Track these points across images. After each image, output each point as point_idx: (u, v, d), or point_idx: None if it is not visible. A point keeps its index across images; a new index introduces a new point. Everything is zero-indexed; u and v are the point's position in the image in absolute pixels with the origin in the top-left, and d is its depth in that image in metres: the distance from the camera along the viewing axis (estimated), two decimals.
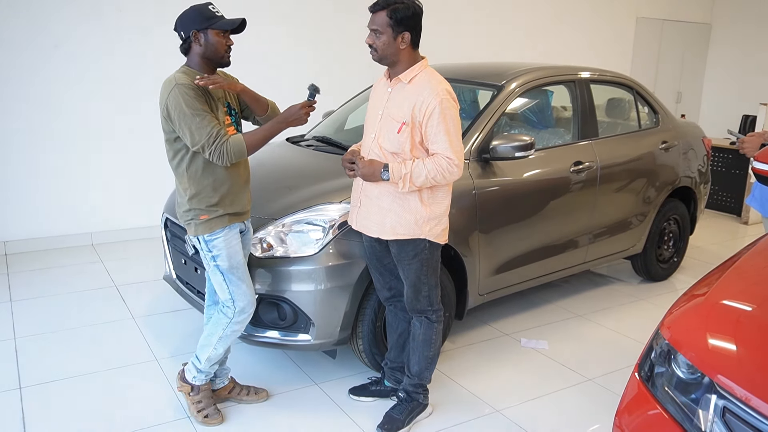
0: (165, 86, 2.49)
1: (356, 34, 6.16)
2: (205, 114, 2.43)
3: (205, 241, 2.61)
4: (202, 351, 2.75)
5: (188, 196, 2.57)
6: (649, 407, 1.81)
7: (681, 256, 4.85)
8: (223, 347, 2.74)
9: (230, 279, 2.64)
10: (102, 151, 5.17)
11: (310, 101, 2.58)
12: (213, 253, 2.62)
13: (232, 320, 2.68)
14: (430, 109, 2.45)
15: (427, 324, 2.75)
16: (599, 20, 8.27)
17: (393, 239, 2.61)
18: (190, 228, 2.63)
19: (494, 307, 4.09)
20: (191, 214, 2.60)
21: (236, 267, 2.65)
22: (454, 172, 2.49)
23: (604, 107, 4.55)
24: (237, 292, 2.66)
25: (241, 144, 2.49)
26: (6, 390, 3.02)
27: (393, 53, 2.51)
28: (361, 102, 4.18)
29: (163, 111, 2.48)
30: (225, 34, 2.52)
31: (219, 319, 2.70)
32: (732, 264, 2.15)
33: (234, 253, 2.64)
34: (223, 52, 2.52)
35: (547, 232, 3.69)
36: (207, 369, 2.78)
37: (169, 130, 2.51)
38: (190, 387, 2.80)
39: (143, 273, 4.56)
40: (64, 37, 4.86)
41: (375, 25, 2.47)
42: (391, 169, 2.49)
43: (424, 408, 2.88)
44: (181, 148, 2.53)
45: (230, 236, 2.63)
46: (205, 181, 2.56)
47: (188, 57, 2.56)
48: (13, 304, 4.00)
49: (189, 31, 2.49)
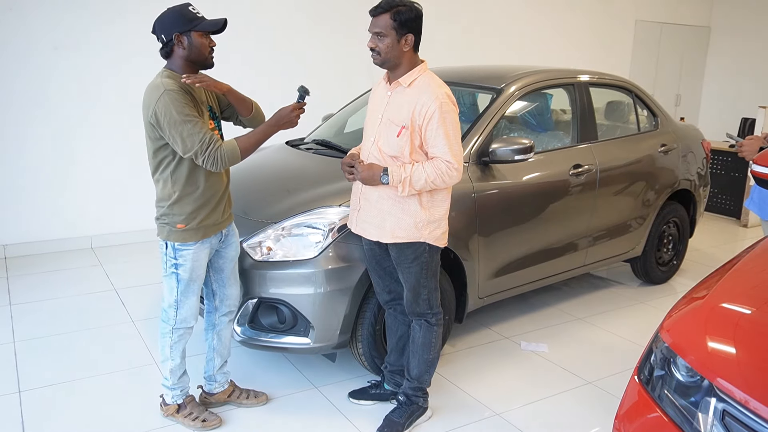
0: (151, 92, 2.44)
1: (357, 38, 6.18)
2: (196, 120, 2.40)
3: (173, 248, 2.57)
4: (163, 367, 2.75)
5: (170, 201, 2.53)
6: (649, 410, 1.81)
7: (680, 259, 4.85)
8: (179, 355, 2.72)
9: (182, 290, 2.61)
10: (101, 154, 5.17)
11: (300, 103, 2.56)
12: (177, 262, 2.57)
13: (174, 327, 2.66)
14: (429, 113, 2.45)
15: (427, 327, 2.75)
16: (598, 23, 8.28)
17: (392, 243, 2.61)
18: (163, 231, 2.58)
19: (494, 311, 4.08)
20: (167, 219, 2.55)
21: (194, 281, 2.62)
22: (453, 176, 2.49)
23: (603, 110, 4.56)
24: (184, 303, 2.63)
25: (235, 149, 2.47)
26: (5, 394, 3.02)
27: (396, 56, 2.50)
28: (360, 105, 4.19)
29: (150, 117, 2.43)
30: (208, 35, 2.48)
31: (162, 328, 2.69)
32: (731, 267, 2.15)
33: (198, 267, 2.61)
34: (207, 53, 2.49)
35: (546, 235, 3.70)
36: (176, 382, 2.76)
37: (155, 136, 2.47)
38: (176, 407, 2.79)
39: (143, 276, 4.56)
40: (64, 39, 4.87)
41: (378, 28, 2.47)
42: (390, 173, 2.49)
43: (423, 411, 2.87)
44: (168, 154, 2.49)
45: (200, 251, 2.60)
46: (189, 187, 2.52)
47: (170, 60, 2.51)
48: (13, 308, 4.00)
49: (171, 34, 2.43)
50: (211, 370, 2.91)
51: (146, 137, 2.52)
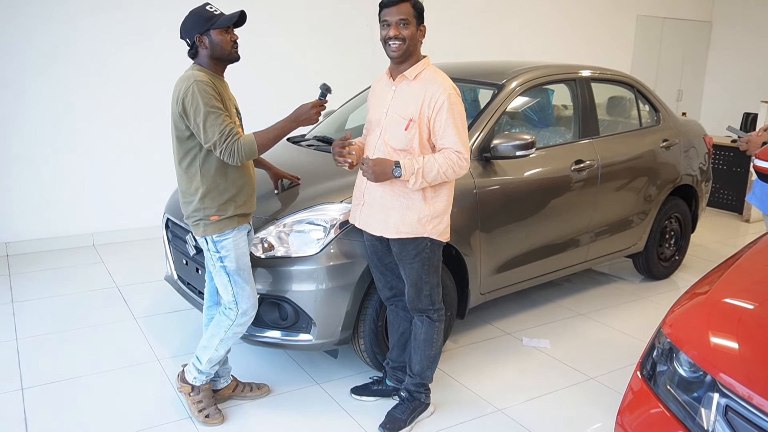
0: (181, 83, 2.50)
1: (356, 34, 6.17)
2: (220, 112, 2.44)
3: (213, 242, 2.60)
4: (203, 352, 2.75)
5: (200, 195, 2.56)
6: (652, 406, 1.81)
7: (682, 255, 4.84)
8: (224, 349, 2.74)
9: (236, 281, 2.64)
10: (103, 151, 5.17)
11: (321, 100, 2.59)
12: (221, 254, 2.61)
13: (235, 322, 2.68)
14: (438, 104, 2.46)
15: (429, 323, 2.75)
16: (599, 18, 8.26)
17: (395, 238, 2.61)
18: (198, 229, 2.61)
19: (496, 306, 4.08)
20: (201, 214, 2.58)
21: (243, 269, 2.65)
22: (463, 166, 2.49)
23: (604, 106, 4.55)
24: (241, 294, 2.66)
25: (252, 143, 2.50)
26: (8, 391, 3.02)
27: (414, 45, 2.52)
28: (361, 102, 4.18)
29: (178, 107, 2.47)
30: (228, 30, 2.53)
31: (221, 321, 2.70)
32: (733, 262, 2.14)
33: (242, 254, 2.64)
34: (229, 48, 2.54)
35: (548, 230, 3.69)
36: (208, 370, 2.77)
37: (182, 127, 2.50)
38: (191, 387, 2.80)
39: (144, 273, 4.56)
40: (66, 38, 4.87)
41: (402, 15, 2.45)
42: (403, 165, 2.46)
43: (426, 407, 2.87)
44: (194, 146, 2.52)
45: (239, 238, 2.63)
46: (219, 179, 2.56)
47: (197, 60, 2.58)
48: (15, 305, 4.00)
49: (193, 36, 2.51)
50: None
51: (172, 129, 2.55)
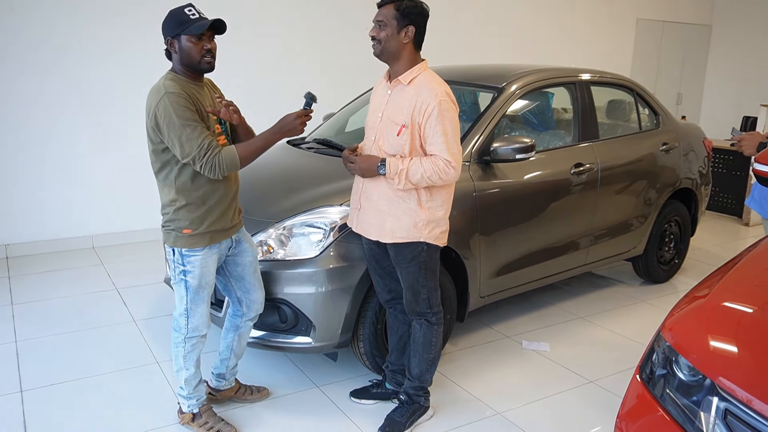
0: (153, 94, 2.38)
1: (356, 36, 6.18)
2: (195, 125, 2.33)
3: (181, 255, 2.50)
4: (178, 376, 2.70)
5: (175, 207, 2.47)
6: (651, 410, 1.81)
7: (682, 258, 4.84)
8: (193, 365, 2.66)
9: (191, 298, 2.55)
10: (103, 153, 5.17)
11: (306, 110, 2.50)
12: (185, 269, 2.51)
13: (187, 336, 2.60)
14: (429, 110, 2.45)
15: (427, 326, 2.75)
16: (599, 22, 8.27)
17: (391, 243, 2.61)
18: (169, 237, 2.52)
19: (495, 310, 4.08)
20: (173, 225, 2.49)
21: (204, 288, 2.56)
22: (450, 174, 2.49)
23: (604, 109, 4.56)
24: (194, 311, 2.57)
25: (234, 156, 2.40)
26: (7, 393, 3.02)
27: (395, 47, 2.50)
28: (361, 104, 4.19)
29: (151, 121, 2.37)
30: (201, 38, 2.37)
31: (175, 338, 2.63)
32: (733, 266, 2.14)
33: (207, 273, 2.55)
34: (199, 57, 2.38)
35: (548, 234, 3.69)
36: (192, 392, 2.71)
37: (156, 140, 2.41)
38: (191, 416, 2.75)
39: (144, 276, 4.56)
40: (66, 40, 4.87)
41: (380, 17, 2.48)
42: (388, 164, 2.49)
43: (425, 410, 2.87)
44: (170, 159, 2.42)
45: (208, 257, 2.53)
46: (195, 193, 2.45)
47: (173, 63, 2.47)
48: (15, 308, 4.00)
49: (166, 38, 2.40)
50: (224, 369, 2.89)
51: (148, 141, 2.46)
